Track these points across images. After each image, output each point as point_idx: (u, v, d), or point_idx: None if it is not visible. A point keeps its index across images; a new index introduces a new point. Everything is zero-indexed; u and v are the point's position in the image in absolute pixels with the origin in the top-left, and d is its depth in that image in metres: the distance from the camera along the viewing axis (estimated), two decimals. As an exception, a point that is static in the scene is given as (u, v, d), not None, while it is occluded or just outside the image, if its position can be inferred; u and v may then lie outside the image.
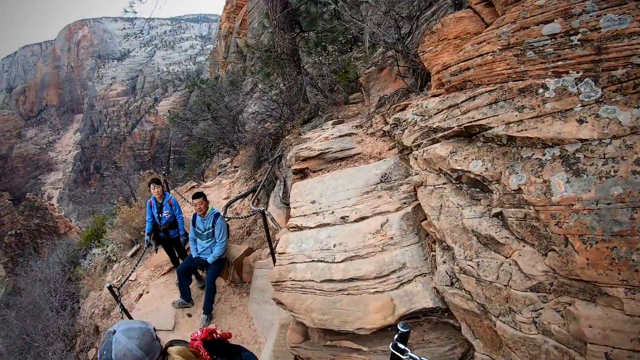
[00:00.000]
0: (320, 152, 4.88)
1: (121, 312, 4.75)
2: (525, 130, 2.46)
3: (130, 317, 4.90)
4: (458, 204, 2.77)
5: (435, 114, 3.38)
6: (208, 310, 5.58)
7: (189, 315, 5.86)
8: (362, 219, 3.60)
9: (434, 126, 3.24)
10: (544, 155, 2.35)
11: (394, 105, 4.64)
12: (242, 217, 5.98)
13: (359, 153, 4.71)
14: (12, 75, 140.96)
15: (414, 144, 3.53)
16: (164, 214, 6.20)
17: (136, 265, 6.00)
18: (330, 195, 4.01)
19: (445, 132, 3.07)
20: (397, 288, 2.95)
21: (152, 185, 6.23)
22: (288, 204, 6.33)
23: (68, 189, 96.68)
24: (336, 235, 3.55)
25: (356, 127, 5.37)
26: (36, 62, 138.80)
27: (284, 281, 3.49)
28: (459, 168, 2.79)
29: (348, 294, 3.08)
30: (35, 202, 51.64)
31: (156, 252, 6.67)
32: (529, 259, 2.26)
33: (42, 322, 7.08)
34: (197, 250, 5.77)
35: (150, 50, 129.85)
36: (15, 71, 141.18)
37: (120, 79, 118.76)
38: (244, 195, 7.97)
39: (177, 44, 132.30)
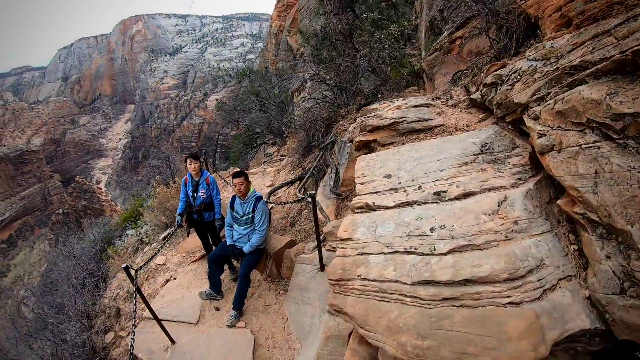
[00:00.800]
0: (392, 120, 3.89)
1: (135, 294, 4.04)
2: None
3: (146, 301, 4.22)
4: (629, 167, 1.83)
5: (570, 52, 2.50)
6: (238, 305, 4.87)
7: (217, 309, 5.15)
8: (467, 195, 2.59)
9: (574, 63, 2.34)
10: None
11: (487, 66, 3.68)
12: (287, 203, 5.18)
13: (441, 125, 3.73)
14: (68, 65, 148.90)
15: (534, 97, 2.63)
16: (199, 194, 5.52)
17: (161, 248, 5.34)
18: (413, 168, 3.04)
19: (598, 67, 2.16)
20: (539, 298, 1.90)
21: (188, 160, 5.56)
22: (339, 195, 5.50)
23: (116, 174, 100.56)
24: (432, 216, 2.53)
25: (433, 99, 4.40)
26: (91, 53, 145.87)
27: (349, 279, 2.45)
28: (630, 111, 1.87)
29: (461, 305, 2.00)
30: (84, 185, 53.64)
31: (187, 235, 5.99)
32: None
33: (60, 299, 6.64)
34: (232, 237, 5.07)
35: (202, 47, 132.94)
36: (71, 61, 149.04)
37: (171, 73, 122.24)
38: (290, 183, 7.20)
39: (228, 42, 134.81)
